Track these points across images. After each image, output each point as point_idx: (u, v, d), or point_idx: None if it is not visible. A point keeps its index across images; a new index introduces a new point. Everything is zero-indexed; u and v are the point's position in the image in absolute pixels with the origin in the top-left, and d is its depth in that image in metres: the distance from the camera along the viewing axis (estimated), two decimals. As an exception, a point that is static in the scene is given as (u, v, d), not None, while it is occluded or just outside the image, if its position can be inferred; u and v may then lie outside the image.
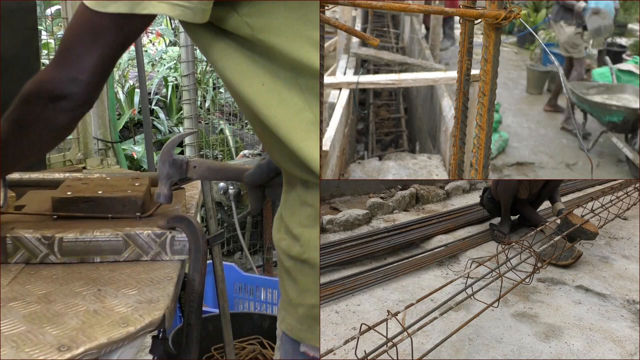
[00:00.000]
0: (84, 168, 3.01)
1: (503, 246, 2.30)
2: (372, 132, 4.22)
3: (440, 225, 2.99)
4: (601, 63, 5.84)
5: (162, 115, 5.76)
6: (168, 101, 6.02)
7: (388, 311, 1.56)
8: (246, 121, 5.20)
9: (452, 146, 1.56)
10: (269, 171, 1.35)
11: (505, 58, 6.58)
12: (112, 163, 3.26)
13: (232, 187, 3.22)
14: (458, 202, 3.61)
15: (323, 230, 2.84)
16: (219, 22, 1.03)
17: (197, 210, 1.67)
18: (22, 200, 1.57)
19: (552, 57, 4.72)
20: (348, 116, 2.88)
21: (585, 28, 5.12)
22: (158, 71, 6.29)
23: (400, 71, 3.87)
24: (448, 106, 2.65)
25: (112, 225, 1.37)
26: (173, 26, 6.78)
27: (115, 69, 4.35)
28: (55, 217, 1.44)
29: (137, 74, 3.98)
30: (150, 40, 6.93)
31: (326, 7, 1.11)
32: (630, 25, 7.62)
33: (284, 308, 1.12)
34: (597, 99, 4.28)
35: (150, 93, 5.79)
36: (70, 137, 3.08)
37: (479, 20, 1.21)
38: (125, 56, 5.48)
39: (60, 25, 3.80)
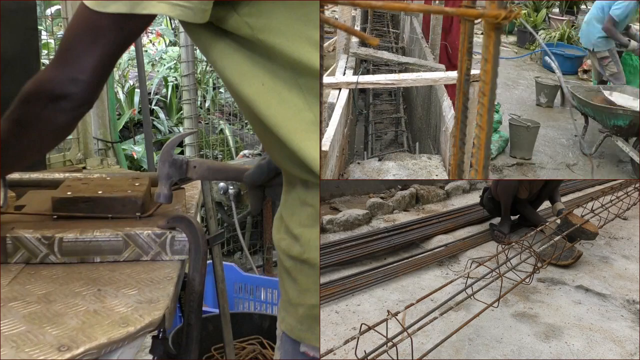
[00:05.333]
0: (84, 168, 3.01)
1: (503, 246, 2.30)
2: (371, 133, 4.22)
3: (440, 225, 2.99)
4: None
5: (162, 115, 5.76)
6: (168, 101, 6.02)
7: (388, 311, 1.56)
8: (246, 121, 5.20)
9: (452, 146, 1.56)
10: (269, 171, 1.35)
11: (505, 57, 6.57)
12: (112, 163, 3.26)
13: (232, 187, 3.22)
14: (458, 202, 3.61)
15: (323, 230, 2.84)
16: (219, 22, 1.03)
17: (197, 210, 1.67)
18: (22, 200, 1.57)
19: (552, 57, 4.72)
20: (348, 116, 2.88)
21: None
22: (158, 71, 6.29)
23: (400, 71, 3.87)
24: (448, 106, 2.64)
25: (112, 225, 1.37)
26: (173, 26, 6.78)
27: (115, 69, 4.34)
28: (55, 217, 1.44)
29: (137, 74, 3.98)
30: (150, 40, 6.92)
31: (326, 7, 1.11)
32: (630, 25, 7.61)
33: (284, 308, 1.12)
34: (600, 102, 4.25)
35: (150, 93, 5.79)
36: (70, 137, 3.08)
37: (479, 20, 1.21)
38: (125, 56, 5.48)
39: (60, 25, 3.80)
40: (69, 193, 1.47)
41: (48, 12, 4.92)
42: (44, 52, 3.87)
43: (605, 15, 4.81)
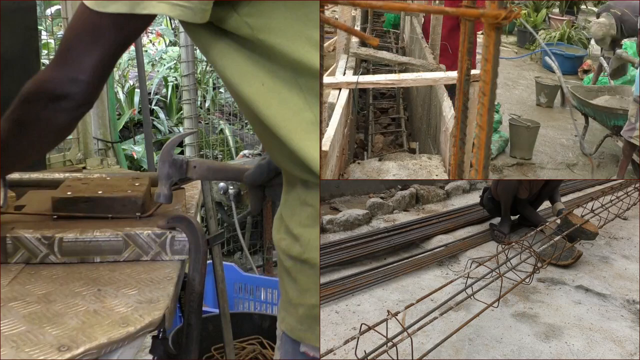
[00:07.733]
0: (84, 168, 3.01)
1: (503, 246, 2.30)
2: (372, 133, 4.22)
3: (440, 225, 2.99)
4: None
5: (162, 115, 5.77)
6: (168, 101, 6.03)
7: (388, 311, 1.56)
8: (246, 121, 5.20)
9: (452, 146, 1.56)
10: (269, 171, 1.35)
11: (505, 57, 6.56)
12: (112, 163, 3.26)
13: (232, 187, 3.22)
14: (458, 202, 3.61)
15: (323, 230, 2.84)
16: (219, 22, 1.03)
17: (197, 210, 1.67)
18: (22, 200, 1.57)
19: (552, 57, 4.71)
20: (348, 116, 2.88)
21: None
22: (158, 71, 6.29)
23: (400, 71, 3.86)
24: (448, 106, 2.64)
25: (112, 225, 1.37)
26: (173, 26, 6.78)
27: (115, 69, 4.34)
28: (55, 217, 1.44)
29: (137, 74, 3.98)
30: (150, 40, 6.93)
31: (326, 7, 1.11)
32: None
33: (284, 308, 1.12)
34: (601, 102, 4.23)
35: (150, 93, 5.79)
36: (70, 137, 3.08)
37: (479, 20, 1.21)
38: (125, 56, 5.48)
39: (60, 25, 3.80)
40: (69, 193, 1.47)
41: (48, 12, 4.93)
42: (44, 52, 3.88)
43: None
